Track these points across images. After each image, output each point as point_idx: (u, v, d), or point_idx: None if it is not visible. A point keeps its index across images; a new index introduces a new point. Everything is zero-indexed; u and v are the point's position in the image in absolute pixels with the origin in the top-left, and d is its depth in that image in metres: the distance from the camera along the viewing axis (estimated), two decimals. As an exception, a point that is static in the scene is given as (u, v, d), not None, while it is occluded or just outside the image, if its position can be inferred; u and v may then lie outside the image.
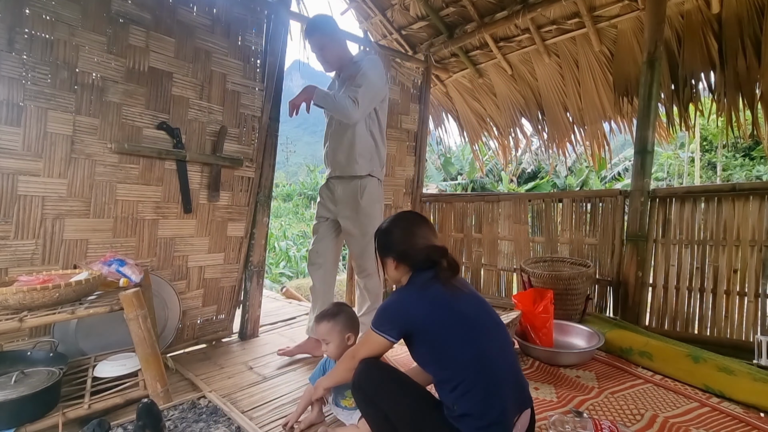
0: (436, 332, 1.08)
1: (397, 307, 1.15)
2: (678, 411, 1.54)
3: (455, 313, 1.10)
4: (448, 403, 1.05)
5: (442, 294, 1.11)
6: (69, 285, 1.37)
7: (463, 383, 1.03)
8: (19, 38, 1.62)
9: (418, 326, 1.10)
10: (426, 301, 1.11)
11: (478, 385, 1.03)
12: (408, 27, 3.75)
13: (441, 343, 1.07)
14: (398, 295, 1.18)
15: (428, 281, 1.14)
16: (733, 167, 11.38)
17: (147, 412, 1.17)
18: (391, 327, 1.12)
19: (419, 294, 1.14)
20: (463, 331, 1.08)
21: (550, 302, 2.07)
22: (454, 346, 1.06)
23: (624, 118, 3.15)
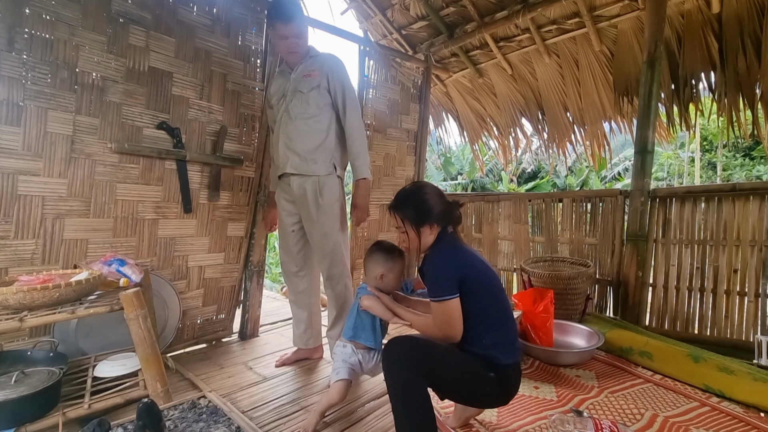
0: (474, 280, 1.22)
1: (446, 267, 1.23)
2: (678, 411, 1.54)
3: (478, 262, 1.27)
4: (475, 336, 1.21)
5: (459, 244, 1.31)
6: (69, 285, 1.37)
7: (489, 318, 1.22)
8: (19, 38, 1.62)
9: (463, 279, 1.21)
10: (455, 252, 1.26)
11: (500, 319, 1.24)
12: (408, 27, 3.75)
13: (476, 287, 1.22)
14: (444, 257, 1.26)
15: (452, 236, 1.33)
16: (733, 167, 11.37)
17: (147, 412, 1.17)
18: (452, 286, 1.20)
19: (449, 250, 1.28)
20: (486, 277, 1.26)
21: (551, 302, 2.06)
22: (484, 288, 1.24)
23: (624, 118, 3.15)
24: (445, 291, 1.20)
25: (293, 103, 1.81)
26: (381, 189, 3.23)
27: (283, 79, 1.89)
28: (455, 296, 1.19)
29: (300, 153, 1.79)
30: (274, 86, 1.92)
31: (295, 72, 1.84)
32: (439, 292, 1.21)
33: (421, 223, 1.29)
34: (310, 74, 1.82)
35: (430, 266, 1.27)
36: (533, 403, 1.57)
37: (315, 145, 1.79)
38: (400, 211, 1.33)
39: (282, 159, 1.84)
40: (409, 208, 1.31)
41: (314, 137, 1.80)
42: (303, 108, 1.80)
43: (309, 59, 1.85)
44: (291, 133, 1.81)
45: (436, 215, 1.30)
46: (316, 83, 1.80)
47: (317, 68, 1.82)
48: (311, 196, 1.79)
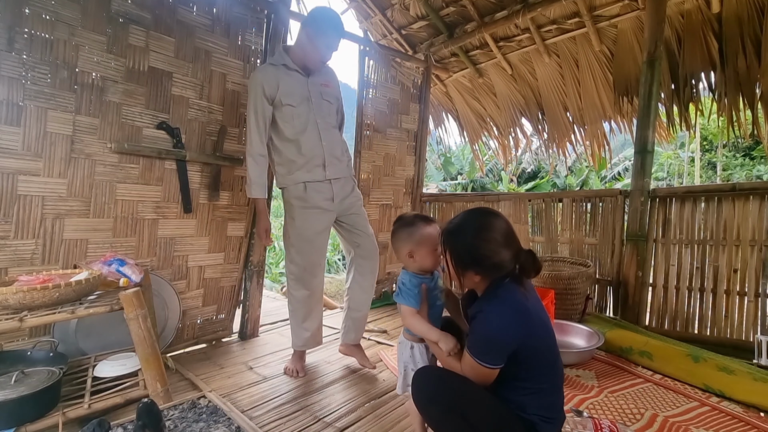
0: (531, 350, 1.05)
1: (501, 337, 1.03)
2: (678, 410, 1.54)
3: (536, 323, 1.07)
4: (519, 402, 1.06)
5: (524, 303, 1.06)
6: (69, 285, 1.37)
7: (538, 387, 1.06)
8: (19, 38, 1.62)
9: (518, 349, 1.03)
10: (518, 318, 1.05)
11: (550, 389, 1.08)
12: (408, 27, 3.75)
13: (531, 357, 1.05)
14: (502, 319, 1.04)
15: (508, 288, 1.08)
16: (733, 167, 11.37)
17: (147, 412, 1.17)
18: (500, 356, 1.03)
19: (512, 313, 1.05)
20: (544, 342, 1.08)
21: (551, 302, 2.07)
22: (540, 357, 1.07)
23: (624, 118, 3.15)
24: (490, 359, 1.02)
25: (323, 111, 1.88)
26: (381, 189, 3.23)
27: (294, 80, 1.82)
28: (499, 367, 1.03)
29: (341, 159, 1.93)
30: (288, 85, 1.80)
31: (312, 78, 1.86)
32: (482, 356, 1.03)
33: (466, 268, 1.09)
34: (328, 84, 1.91)
35: (481, 323, 1.06)
36: (533, 403, 1.57)
37: (345, 150, 1.98)
38: (449, 242, 1.12)
39: (326, 165, 1.86)
40: (454, 244, 1.11)
41: (343, 144, 1.99)
42: (333, 117, 1.93)
43: (324, 68, 1.93)
44: (333, 140, 1.90)
45: (489, 267, 1.08)
46: (335, 96, 1.94)
47: (331, 81, 1.93)
48: (353, 190, 1.99)
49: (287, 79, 1.81)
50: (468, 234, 1.09)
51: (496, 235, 1.09)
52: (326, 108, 1.89)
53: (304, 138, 1.82)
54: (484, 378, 1.05)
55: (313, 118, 1.84)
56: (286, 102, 1.79)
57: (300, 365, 1.93)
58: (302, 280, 1.89)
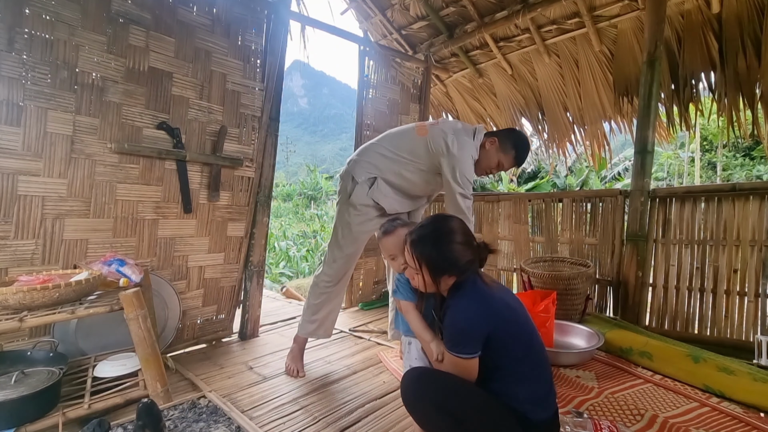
0: (504, 333, 1.10)
1: (471, 325, 1.10)
2: (678, 411, 1.54)
3: (502, 307, 1.14)
4: (508, 390, 1.10)
5: (488, 291, 1.15)
6: (69, 285, 1.37)
7: (522, 369, 1.12)
8: (19, 38, 1.62)
9: (491, 334, 1.09)
10: (483, 305, 1.12)
11: (535, 368, 1.13)
12: (408, 27, 3.75)
13: (507, 340, 1.11)
14: (471, 309, 1.11)
15: (471, 280, 1.16)
16: (733, 167, 11.38)
17: (147, 412, 1.17)
18: (475, 345, 1.08)
19: (478, 301, 1.13)
20: (516, 324, 1.14)
21: (552, 302, 2.06)
22: (515, 339, 1.12)
23: (624, 118, 3.15)
24: (464, 349, 1.08)
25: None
26: (381, 189, 3.23)
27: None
28: (475, 355, 1.08)
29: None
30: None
31: None
32: (457, 348, 1.09)
33: (442, 274, 1.15)
34: None
35: (453, 318, 1.12)
36: (533, 404, 1.57)
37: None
38: (418, 252, 1.16)
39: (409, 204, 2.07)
40: (429, 254, 1.15)
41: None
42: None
43: None
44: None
45: (461, 267, 1.14)
46: None
47: None
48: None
49: None
50: (440, 243, 1.16)
51: (461, 237, 1.18)
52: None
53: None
54: (465, 370, 1.10)
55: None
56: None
57: (300, 363, 1.94)
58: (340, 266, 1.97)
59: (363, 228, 1.91)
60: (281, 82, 2.43)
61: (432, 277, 1.15)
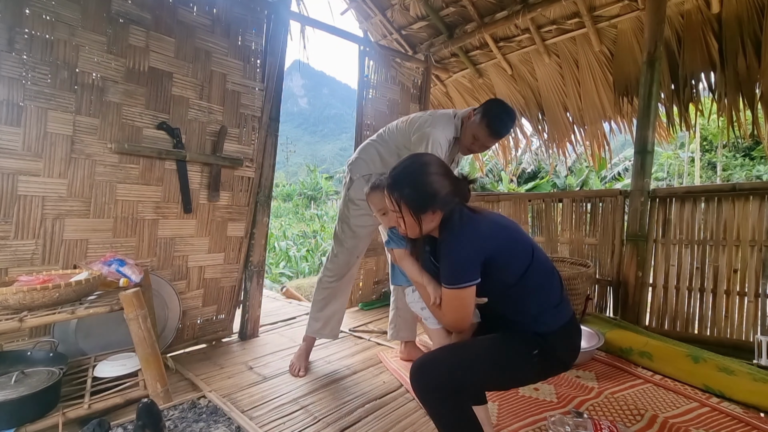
0: (503, 253, 1.07)
1: (467, 251, 1.06)
2: (678, 411, 1.54)
3: (501, 231, 1.11)
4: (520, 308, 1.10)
5: (476, 216, 1.12)
6: (69, 285, 1.37)
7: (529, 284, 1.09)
8: (19, 38, 1.63)
9: (489, 258, 1.06)
10: (476, 229, 1.08)
11: (541, 280, 1.11)
12: (408, 27, 3.75)
13: (508, 259, 1.08)
14: (466, 237, 1.07)
15: (458, 211, 1.11)
16: (733, 167, 11.38)
17: (147, 412, 1.17)
18: (474, 271, 1.05)
19: (470, 228, 1.08)
20: (515, 243, 1.11)
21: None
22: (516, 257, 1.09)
23: (624, 118, 3.15)
24: (463, 278, 1.04)
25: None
26: (381, 189, 3.23)
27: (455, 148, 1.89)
28: (474, 283, 1.04)
29: None
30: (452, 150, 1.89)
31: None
32: (455, 279, 1.05)
33: (423, 210, 1.08)
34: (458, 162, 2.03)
35: (447, 252, 1.07)
36: (533, 404, 1.57)
37: None
38: (396, 193, 1.10)
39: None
40: (407, 191, 1.09)
41: None
42: None
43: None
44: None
45: (442, 199, 1.08)
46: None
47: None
48: None
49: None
50: (415, 177, 1.10)
51: (436, 168, 1.12)
52: None
53: None
54: (463, 304, 1.06)
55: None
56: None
57: (304, 362, 1.95)
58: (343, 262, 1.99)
59: (361, 222, 1.93)
60: (281, 82, 2.43)
61: (414, 216, 1.09)
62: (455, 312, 1.09)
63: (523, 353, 1.08)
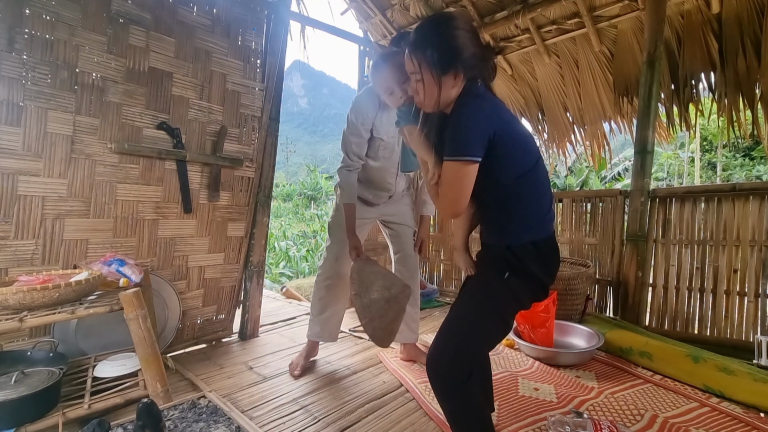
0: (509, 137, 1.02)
1: (477, 121, 0.99)
2: (678, 411, 1.54)
3: (514, 119, 1.07)
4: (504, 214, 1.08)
5: (499, 100, 1.07)
6: (69, 285, 1.37)
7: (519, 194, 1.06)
8: (19, 38, 1.62)
9: (496, 136, 1.00)
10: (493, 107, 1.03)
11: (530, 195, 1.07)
12: (408, 27, 3.75)
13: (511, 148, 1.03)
14: (472, 108, 1.00)
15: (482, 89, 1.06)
16: (733, 167, 11.38)
17: (147, 412, 1.17)
18: (480, 144, 0.98)
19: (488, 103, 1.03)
20: (525, 137, 1.08)
21: (552, 302, 2.06)
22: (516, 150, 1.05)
23: (624, 118, 3.15)
24: (467, 150, 0.96)
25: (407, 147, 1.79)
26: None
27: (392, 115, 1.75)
28: (476, 159, 0.97)
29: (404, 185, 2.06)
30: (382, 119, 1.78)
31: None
32: (458, 149, 0.97)
33: (445, 69, 1.00)
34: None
35: (457, 119, 1.00)
36: (533, 404, 1.57)
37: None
38: (419, 52, 1.01)
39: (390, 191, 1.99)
40: (430, 48, 0.99)
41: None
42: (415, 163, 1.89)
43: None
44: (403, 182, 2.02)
45: (466, 60, 1.00)
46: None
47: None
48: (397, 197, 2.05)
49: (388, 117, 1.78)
50: (440, 30, 1.02)
51: (464, 24, 1.03)
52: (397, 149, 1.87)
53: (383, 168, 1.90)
54: (461, 181, 0.99)
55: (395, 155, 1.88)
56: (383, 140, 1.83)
57: (303, 362, 1.93)
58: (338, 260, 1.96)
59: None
60: (281, 82, 2.43)
61: (436, 77, 1.01)
62: (452, 190, 1.00)
63: (498, 286, 1.05)
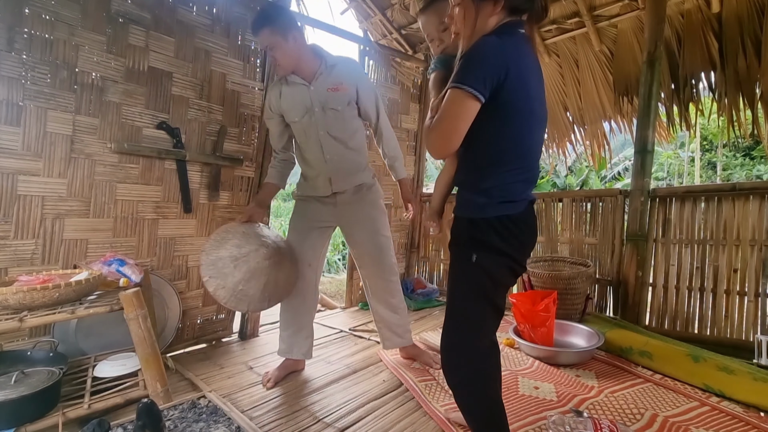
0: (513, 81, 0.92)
1: (490, 53, 0.91)
2: (678, 410, 1.54)
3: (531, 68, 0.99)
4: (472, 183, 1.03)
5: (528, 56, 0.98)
6: (69, 285, 1.37)
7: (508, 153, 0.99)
8: (18, 38, 1.62)
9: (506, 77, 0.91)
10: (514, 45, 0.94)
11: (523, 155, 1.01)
12: (408, 26, 3.75)
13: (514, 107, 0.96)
14: (492, 42, 0.92)
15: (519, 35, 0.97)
16: (733, 167, 11.37)
17: (147, 412, 1.17)
18: (486, 80, 0.89)
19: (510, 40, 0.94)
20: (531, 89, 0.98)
21: (553, 302, 2.06)
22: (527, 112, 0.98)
23: (624, 118, 3.15)
24: (472, 80, 0.89)
25: (329, 121, 1.70)
26: (382, 189, 3.22)
27: (297, 91, 1.70)
28: (478, 95, 0.90)
29: (350, 172, 1.81)
30: (287, 98, 1.72)
31: (315, 84, 1.68)
32: (463, 77, 0.90)
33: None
34: (337, 88, 1.69)
35: (472, 48, 0.93)
36: (533, 403, 1.57)
37: (359, 160, 1.84)
38: None
39: (330, 180, 1.79)
40: None
41: (361, 155, 1.85)
42: (342, 126, 1.73)
43: (327, 69, 1.69)
44: (339, 155, 1.75)
45: None
46: (347, 98, 1.72)
47: (344, 80, 1.71)
48: (364, 198, 1.87)
49: (290, 92, 1.71)
50: None
51: None
52: (333, 116, 1.70)
53: (309, 152, 1.78)
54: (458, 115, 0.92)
55: (316, 131, 1.72)
56: (289, 117, 1.76)
57: (276, 373, 1.80)
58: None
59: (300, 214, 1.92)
60: (281, 81, 2.43)
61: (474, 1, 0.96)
62: (445, 122, 0.93)
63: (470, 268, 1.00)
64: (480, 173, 1.01)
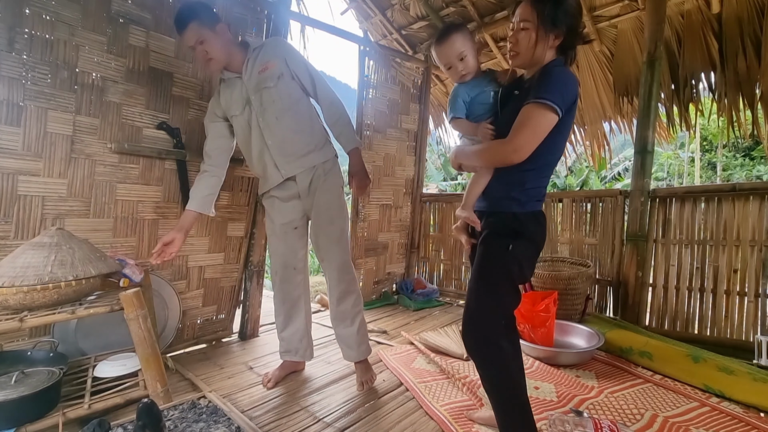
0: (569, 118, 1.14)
1: (573, 83, 1.10)
2: (678, 411, 1.54)
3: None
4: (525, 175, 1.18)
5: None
6: (69, 285, 1.37)
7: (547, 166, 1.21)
8: (19, 38, 1.62)
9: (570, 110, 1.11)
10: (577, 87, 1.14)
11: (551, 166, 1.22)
12: (408, 27, 3.75)
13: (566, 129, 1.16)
14: (570, 72, 1.13)
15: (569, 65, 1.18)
16: (733, 167, 11.37)
17: (147, 412, 1.17)
18: (565, 103, 1.08)
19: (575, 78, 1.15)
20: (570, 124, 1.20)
21: (553, 302, 2.06)
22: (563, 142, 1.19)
23: (624, 118, 3.15)
24: (561, 100, 1.05)
25: (265, 104, 1.64)
26: (381, 189, 3.23)
27: (233, 87, 1.69)
28: (559, 115, 1.06)
29: (297, 153, 1.69)
30: (226, 97, 1.71)
31: (246, 73, 1.66)
32: (553, 96, 1.04)
33: (556, 24, 1.09)
34: (266, 67, 1.65)
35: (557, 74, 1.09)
36: (533, 404, 1.56)
37: (307, 138, 1.70)
38: (539, 2, 1.09)
39: (277, 165, 1.70)
40: (556, 5, 1.08)
41: (303, 131, 1.70)
42: (278, 104, 1.65)
43: (254, 54, 1.67)
44: (281, 137, 1.67)
45: (572, 26, 1.12)
46: (278, 72, 1.65)
47: (270, 58, 1.66)
48: (316, 183, 1.72)
49: (228, 90, 1.71)
50: None
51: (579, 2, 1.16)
52: (268, 95, 1.64)
53: (252, 146, 1.73)
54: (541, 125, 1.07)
55: (255, 120, 1.67)
56: (230, 114, 1.74)
57: (277, 373, 1.81)
58: (280, 278, 1.84)
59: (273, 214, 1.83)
60: (281, 82, 2.43)
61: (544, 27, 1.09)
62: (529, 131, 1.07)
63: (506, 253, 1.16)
64: (525, 176, 1.18)
